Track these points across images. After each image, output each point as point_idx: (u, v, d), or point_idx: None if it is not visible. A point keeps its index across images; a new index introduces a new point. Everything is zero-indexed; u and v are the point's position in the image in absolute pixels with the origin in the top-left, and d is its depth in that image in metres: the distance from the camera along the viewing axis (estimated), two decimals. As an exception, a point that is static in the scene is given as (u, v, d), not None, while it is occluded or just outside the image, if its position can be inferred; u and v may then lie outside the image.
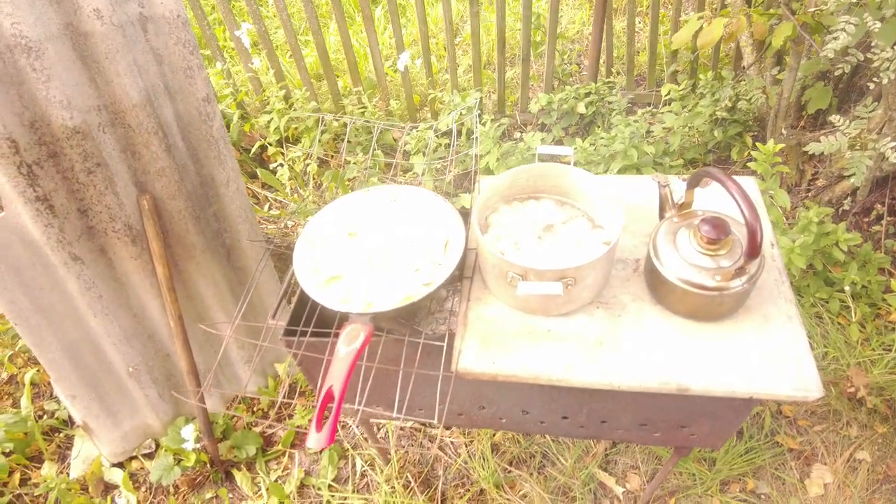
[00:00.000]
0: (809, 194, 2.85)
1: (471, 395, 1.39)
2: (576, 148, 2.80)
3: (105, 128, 1.61)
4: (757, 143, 2.27)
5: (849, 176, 2.45)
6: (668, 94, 3.01)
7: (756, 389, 1.10)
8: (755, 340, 1.17)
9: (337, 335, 1.20)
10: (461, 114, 2.78)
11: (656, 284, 1.22)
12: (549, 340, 1.19)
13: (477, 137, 1.74)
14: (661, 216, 1.29)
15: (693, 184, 1.18)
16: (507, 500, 1.96)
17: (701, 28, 2.36)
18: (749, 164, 2.24)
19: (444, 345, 1.19)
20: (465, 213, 1.40)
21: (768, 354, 1.14)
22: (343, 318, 1.14)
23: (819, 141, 2.34)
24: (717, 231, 1.13)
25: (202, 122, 1.77)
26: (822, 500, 1.92)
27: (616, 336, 1.20)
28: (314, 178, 2.99)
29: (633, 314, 1.23)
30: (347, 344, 1.07)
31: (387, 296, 1.22)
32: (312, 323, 1.25)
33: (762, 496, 1.95)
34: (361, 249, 1.33)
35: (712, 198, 1.33)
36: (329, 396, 1.01)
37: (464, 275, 1.30)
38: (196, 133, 1.78)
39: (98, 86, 1.56)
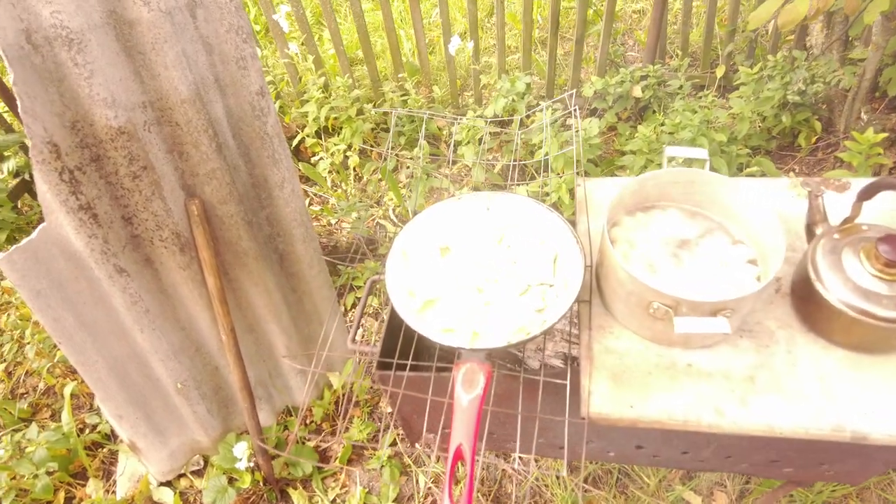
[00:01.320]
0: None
1: (580, 430, 1.22)
2: (637, 136, 2.60)
3: (151, 126, 1.45)
4: (852, 132, 2.07)
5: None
6: (738, 77, 2.78)
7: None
8: (936, 376, 0.99)
9: (440, 370, 1.04)
10: (513, 100, 2.58)
11: (812, 310, 1.05)
12: (691, 378, 1.02)
13: (578, 133, 1.55)
14: (811, 230, 1.11)
15: (867, 195, 1.00)
16: (591, 523, 1.82)
17: (783, 4, 2.14)
18: (839, 155, 2.04)
19: (568, 383, 1.02)
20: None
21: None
22: (444, 349, 0.98)
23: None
24: (900, 250, 0.95)
25: (255, 118, 1.60)
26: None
27: (769, 371, 1.02)
28: (355, 171, 2.82)
29: (784, 344, 1.06)
30: (467, 389, 0.91)
31: (496, 326, 1.05)
32: (410, 356, 1.09)
33: (871, 517, 1.79)
34: (457, 267, 1.16)
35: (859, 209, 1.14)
36: (458, 456, 0.85)
37: (579, 297, 1.13)
38: (248, 130, 1.61)
39: (143, 80, 1.39)
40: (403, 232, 1.19)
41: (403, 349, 1.11)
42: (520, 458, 2.01)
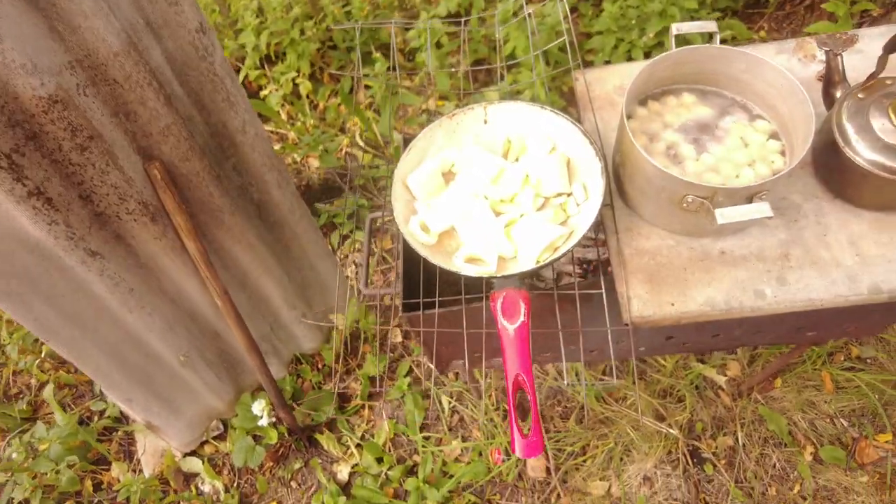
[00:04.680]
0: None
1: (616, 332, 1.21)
2: (603, 15, 2.44)
3: (86, 89, 1.27)
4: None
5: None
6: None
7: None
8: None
9: (468, 301, 0.99)
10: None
11: (839, 177, 1.01)
12: (726, 265, 1.00)
13: (567, 19, 1.41)
14: (829, 94, 1.05)
15: (893, 47, 0.93)
16: (613, 410, 1.89)
17: None
18: (824, 6, 1.95)
19: (604, 291, 0.99)
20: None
21: None
22: (470, 279, 0.93)
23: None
24: (931, 100, 0.90)
25: (200, 60, 1.42)
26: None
27: (801, 246, 1.01)
28: (309, 99, 2.61)
29: (813, 216, 1.03)
30: (510, 319, 0.86)
31: (522, 247, 0.99)
32: (437, 292, 1.03)
33: (868, 361, 1.90)
34: (466, 191, 1.08)
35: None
36: (517, 386, 0.82)
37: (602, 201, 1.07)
38: (195, 74, 1.43)
39: (63, 36, 1.20)
40: (401, 163, 1.09)
41: (425, 287, 1.06)
42: (535, 361, 2.05)
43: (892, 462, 1.73)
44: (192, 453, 2.01)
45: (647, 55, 2.38)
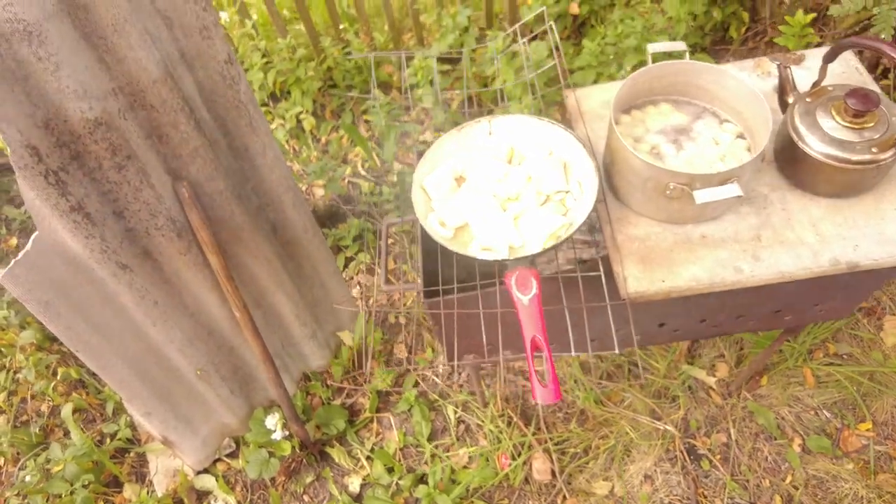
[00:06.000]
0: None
1: (615, 318, 1.34)
2: (584, 52, 2.67)
3: (126, 113, 1.40)
4: (786, 17, 2.21)
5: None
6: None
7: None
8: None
9: (483, 287, 1.11)
10: (460, 34, 2.59)
11: (797, 169, 1.17)
12: (707, 247, 1.14)
13: (559, 50, 1.60)
14: (783, 100, 1.22)
15: (831, 58, 1.11)
16: (612, 412, 1.99)
17: None
18: (776, 40, 2.19)
19: (602, 273, 1.12)
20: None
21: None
22: (483, 268, 1.05)
23: (839, 3, 2.29)
24: (867, 102, 1.07)
25: (227, 88, 1.56)
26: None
27: (770, 229, 1.15)
28: (312, 133, 2.78)
29: (778, 203, 1.18)
30: (524, 291, 0.99)
31: (529, 237, 1.13)
32: (455, 280, 1.15)
33: (845, 356, 2.03)
34: (476, 192, 1.22)
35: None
36: (535, 347, 0.94)
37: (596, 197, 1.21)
38: (222, 101, 1.58)
39: (109, 66, 1.34)
40: (417, 169, 1.23)
41: (446, 280, 1.18)
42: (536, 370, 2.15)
43: (875, 449, 1.85)
44: (205, 471, 2.05)
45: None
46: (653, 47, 1.20)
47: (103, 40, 1.31)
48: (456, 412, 2.08)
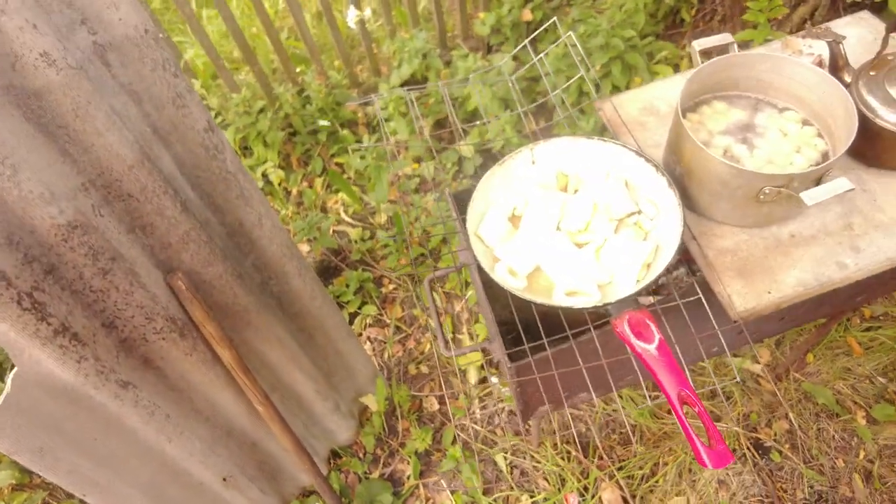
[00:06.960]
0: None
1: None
2: (549, 57, 2.59)
3: (100, 209, 1.19)
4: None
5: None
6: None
7: None
8: None
9: (575, 336, 0.97)
10: (422, 58, 2.46)
11: (870, 146, 1.09)
12: (800, 247, 1.04)
13: (584, 60, 1.48)
14: (835, 75, 1.14)
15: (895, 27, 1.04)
16: (669, 424, 1.88)
17: None
18: (745, 17, 2.17)
19: (701, 296, 1.00)
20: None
21: None
22: (568, 316, 0.91)
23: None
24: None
25: (211, 159, 1.37)
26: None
27: (858, 214, 1.06)
28: (284, 188, 2.57)
29: (857, 186, 1.10)
30: (645, 340, 0.85)
31: (616, 271, 1.00)
32: (542, 334, 1.00)
33: (881, 317, 2.00)
34: (538, 230, 1.08)
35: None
36: (682, 401, 0.80)
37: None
38: (206, 175, 1.38)
39: (74, 157, 1.14)
40: (468, 218, 1.08)
41: (530, 335, 1.03)
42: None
43: (943, 406, 1.81)
44: (244, 586, 1.80)
45: (597, 87, 2.53)
46: (699, 43, 1.10)
47: (63, 129, 1.10)
48: (506, 458, 1.92)
